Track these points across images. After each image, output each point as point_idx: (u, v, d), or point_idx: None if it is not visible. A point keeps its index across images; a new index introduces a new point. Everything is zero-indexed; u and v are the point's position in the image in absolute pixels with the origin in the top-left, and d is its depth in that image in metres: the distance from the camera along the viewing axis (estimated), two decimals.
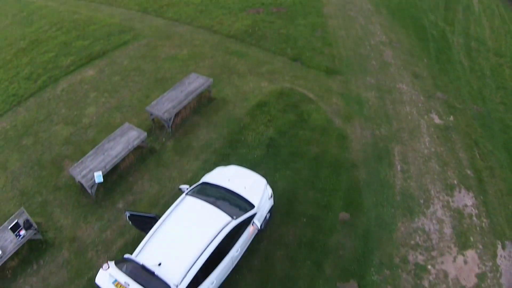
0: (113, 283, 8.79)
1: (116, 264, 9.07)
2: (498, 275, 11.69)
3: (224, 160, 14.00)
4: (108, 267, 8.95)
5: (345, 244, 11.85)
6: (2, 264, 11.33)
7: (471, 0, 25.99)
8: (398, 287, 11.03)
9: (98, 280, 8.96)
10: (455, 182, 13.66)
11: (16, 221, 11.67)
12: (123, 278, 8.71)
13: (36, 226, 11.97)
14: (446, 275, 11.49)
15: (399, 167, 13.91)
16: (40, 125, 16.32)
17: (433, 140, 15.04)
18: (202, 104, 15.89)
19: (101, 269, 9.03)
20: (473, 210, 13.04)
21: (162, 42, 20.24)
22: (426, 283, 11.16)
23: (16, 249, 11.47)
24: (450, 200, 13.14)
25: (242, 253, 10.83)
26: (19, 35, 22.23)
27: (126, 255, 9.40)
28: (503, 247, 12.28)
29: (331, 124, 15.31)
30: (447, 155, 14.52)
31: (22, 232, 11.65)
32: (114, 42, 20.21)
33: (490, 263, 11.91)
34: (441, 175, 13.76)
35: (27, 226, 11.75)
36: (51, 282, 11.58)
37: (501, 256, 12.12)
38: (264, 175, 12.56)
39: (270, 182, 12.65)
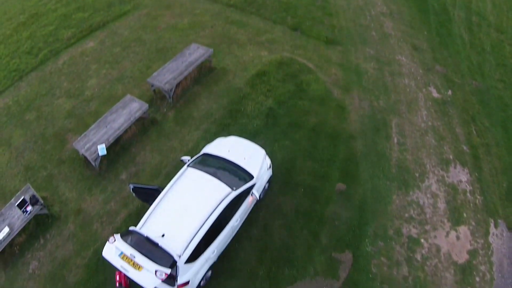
0: (119, 255, 8.96)
1: (121, 236, 9.20)
2: (489, 253, 11.77)
3: (224, 130, 13.96)
4: (114, 240, 9.08)
5: (341, 214, 11.94)
6: (10, 241, 11.44)
7: None
8: (392, 259, 11.14)
9: (105, 253, 9.09)
10: (451, 157, 13.64)
11: (22, 197, 11.77)
12: (128, 250, 8.86)
13: (42, 201, 12.06)
14: (438, 249, 11.58)
15: (395, 140, 13.84)
16: (43, 99, 16.13)
17: (431, 114, 14.92)
18: (203, 74, 15.70)
19: (107, 243, 9.14)
20: (468, 186, 13.05)
21: (162, 11, 19.72)
22: (418, 257, 11.27)
23: (23, 225, 11.59)
24: (445, 175, 13.13)
25: (241, 222, 10.99)
26: (19, 9, 21.54)
27: (131, 228, 9.53)
28: (496, 226, 12.34)
29: (329, 94, 15.14)
30: (444, 129, 14.44)
31: (29, 208, 11.75)
32: (114, 13, 19.62)
33: (482, 241, 11.99)
34: (437, 150, 13.72)
35: (34, 201, 11.83)
36: (58, 256, 11.77)
37: (493, 234, 12.18)
38: (263, 145, 12.58)
39: (269, 152, 12.69)
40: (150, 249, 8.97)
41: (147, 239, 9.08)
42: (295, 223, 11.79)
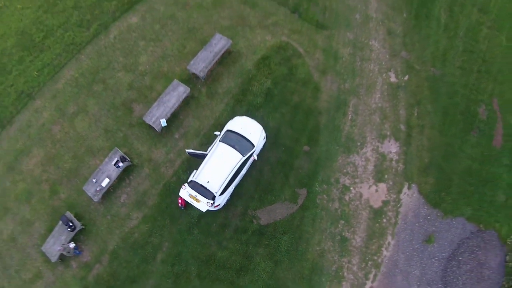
0: (188, 195, 17.12)
1: (188, 184, 17.18)
2: (398, 205, 18.23)
3: (238, 104, 19.99)
4: (186, 187, 17.03)
5: (303, 166, 19.17)
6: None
7: None
8: (330, 196, 18.71)
9: (181, 194, 17.19)
10: (388, 133, 19.21)
11: (116, 159, 18.01)
12: (193, 192, 17.01)
13: (129, 159, 18.18)
14: (361, 196, 18.54)
15: (350, 117, 19.79)
16: (105, 73, 19.87)
17: (383, 96, 19.81)
18: (224, 56, 20.54)
19: (181, 189, 17.14)
20: (395, 156, 18.89)
21: None
22: (347, 198, 18.61)
23: (117, 176, 18.17)
24: (379, 145, 19.13)
25: (246, 170, 18.47)
26: None
27: (191, 178, 17.24)
28: (409, 188, 18.45)
29: (311, 78, 20.44)
30: (390, 110, 19.53)
31: (120, 164, 18.23)
32: None
33: (395, 196, 18.37)
34: (379, 126, 19.36)
35: (123, 159, 18.22)
36: (139, 189, 18.75)
37: (405, 193, 18.42)
38: (262, 117, 19.30)
39: (265, 122, 19.10)
40: (202, 190, 16.96)
41: (201, 185, 17.00)
42: (276, 169, 19.12)
